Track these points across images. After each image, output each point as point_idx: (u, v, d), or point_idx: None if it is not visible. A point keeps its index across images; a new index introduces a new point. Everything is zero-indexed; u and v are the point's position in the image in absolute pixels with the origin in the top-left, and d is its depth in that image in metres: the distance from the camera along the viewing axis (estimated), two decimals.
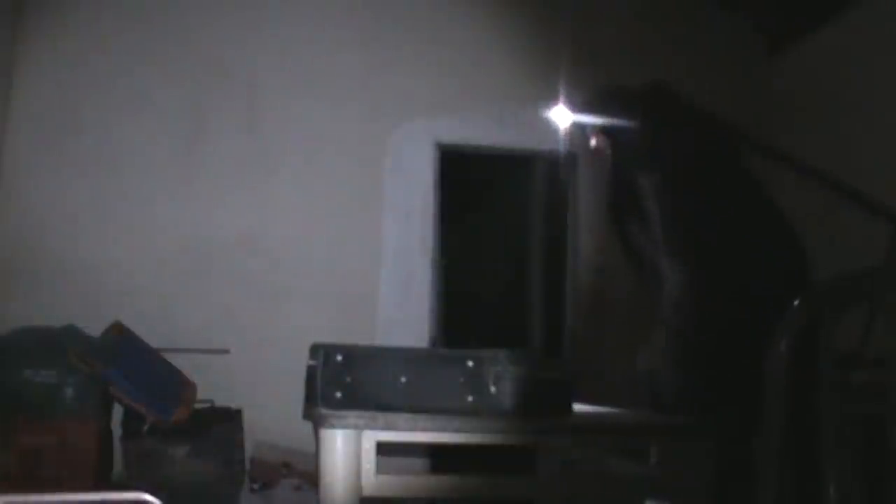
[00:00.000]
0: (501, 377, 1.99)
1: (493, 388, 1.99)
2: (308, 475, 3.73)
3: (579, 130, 3.13)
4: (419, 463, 4.32)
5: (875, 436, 1.45)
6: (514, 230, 5.56)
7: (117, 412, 3.89)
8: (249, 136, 4.60)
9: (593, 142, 2.99)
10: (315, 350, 2.10)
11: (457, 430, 1.98)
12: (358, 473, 1.88)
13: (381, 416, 1.93)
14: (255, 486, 3.93)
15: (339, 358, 2.00)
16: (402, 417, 1.95)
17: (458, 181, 4.93)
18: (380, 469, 1.91)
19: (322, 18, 4.74)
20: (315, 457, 2.03)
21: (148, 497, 1.98)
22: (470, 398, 2.00)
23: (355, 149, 4.69)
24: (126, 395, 3.74)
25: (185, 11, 4.60)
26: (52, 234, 4.32)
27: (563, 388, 2.24)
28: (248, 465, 4.02)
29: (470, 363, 2.02)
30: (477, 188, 5.32)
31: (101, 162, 4.44)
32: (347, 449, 1.88)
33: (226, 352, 4.30)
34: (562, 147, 4.66)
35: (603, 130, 2.90)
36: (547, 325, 5.20)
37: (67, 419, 3.61)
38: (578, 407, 2.33)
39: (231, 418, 4.03)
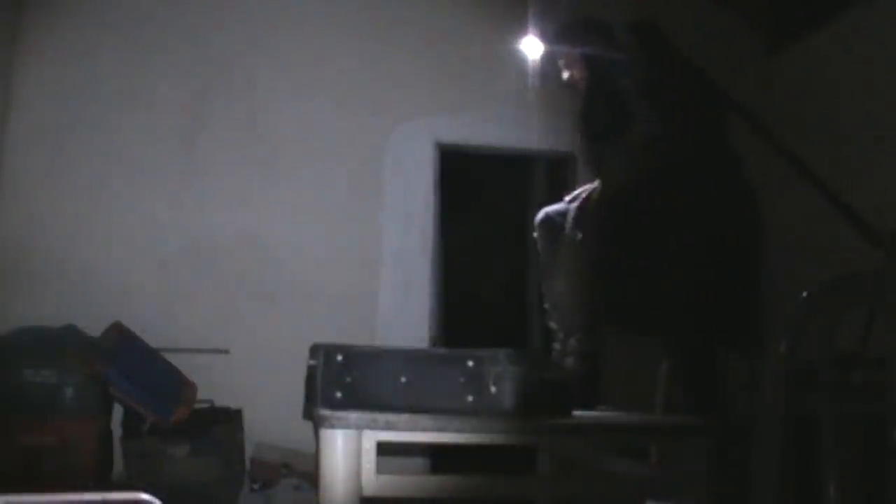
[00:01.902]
0: (501, 377, 1.99)
1: (493, 388, 1.99)
2: (308, 475, 3.73)
3: (550, 62, 3.09)
4: (419, 463, 4.32)
5: (875, 436, 1.45)
6: (514, 230, 5.56)
7: (117, 412, 3.89)
8: (250, 136, 4.60)
9: (566, 74, 2.96)
10: (315, 350, 2.10)
11: (457, 430, 1.98)
12: (358, 473, 1.88)
13: (381, 416, 1.93)
14: (255, 486, 3.93)
15: (339, 358, 2.00)
16: (402, 417, 1.95)
17: (458, 181, 4.93)
18: (380, 469, 1.91)
19: (322, 18, 4.74)
20: (315, 457, 2.03)
21: (147, 497, 1.98)
22: (470, 398, 2.00)
23: (355, 149, 4.69)
24: (126, 395, 3.74)
25: (186, 11, 4.60)
26: (52, 234, 4.32)
27: (563, 388, 2.24)
28: (248, 465, 4.02)
29: (470, 363, 2.02)
30: (477, 188, 5.32)
31: (102, 162, 4.44)
32: (347, 449, 1.88)
33: (226, 352, 4.30)
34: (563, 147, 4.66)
35: (581, 59, 2.87)
36: (547, 325, 5.20)
37: (67, 419, 3.61)
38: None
39: (231, 418, 4.03)
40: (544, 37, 3.12)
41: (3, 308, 4.07)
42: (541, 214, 3.04)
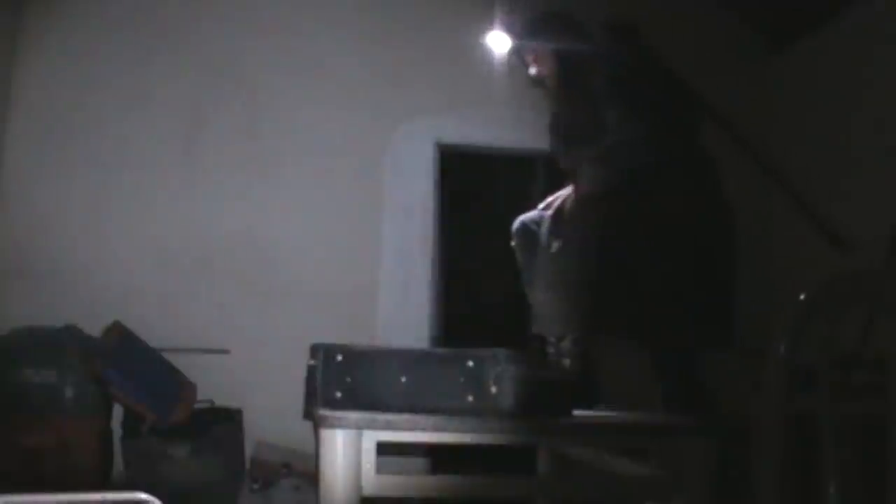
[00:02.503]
0: (501, 377, 1.99)
1: (493, 388, 1.99)
2: (308, 475, 3.73)
3: (517, 57, 3.01)
4: (419, 463, 4.32)
5: (875, 436, 1.45)
6: None
7: (117, 412, 3.89)
8: (249, 136, 4.60)
9: (534, 70, 2.89)
10: (315, 350, 2.10)
11: (457, 430, 1.98)
12: (358, 473, 1.88)
13: (381, 416, 1.93)
14: (255, 486, 3.93)
15: (339, 358, 2.00)
16: (402, 417, 1.95)
17: (458, 181, 4.93)
18: (380, 469, 1.91)
19: (322, 18, 4.74)
20: (315, 457, 2.03)
21: (147, 497, 1.98)
22: (470, 398, 2.00)
23: (355, 149, 4.69)
24: (126, 395, 3.74)
25: (185, 11, 4.60)
26: (52, 234, 4.32)
27: (563, 388, 2.24)
28: (248, 465, 4.02)
29: (470, 363, 2.02)
30: (477, 188, 5.31)
31: (101, 162, 4.44)
32: (347, 449, 1.88)
33: (226, 352, 4.30)
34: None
35: (550, 55, 2.80)
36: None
37: (67, 419, 3.61)
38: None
39: (231, 418, 4.03)
40: (512, 31, 3.05)
41: (3, 308, 4.07)
42: (517, 223, 3.00)
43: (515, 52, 3.02)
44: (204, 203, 4.51)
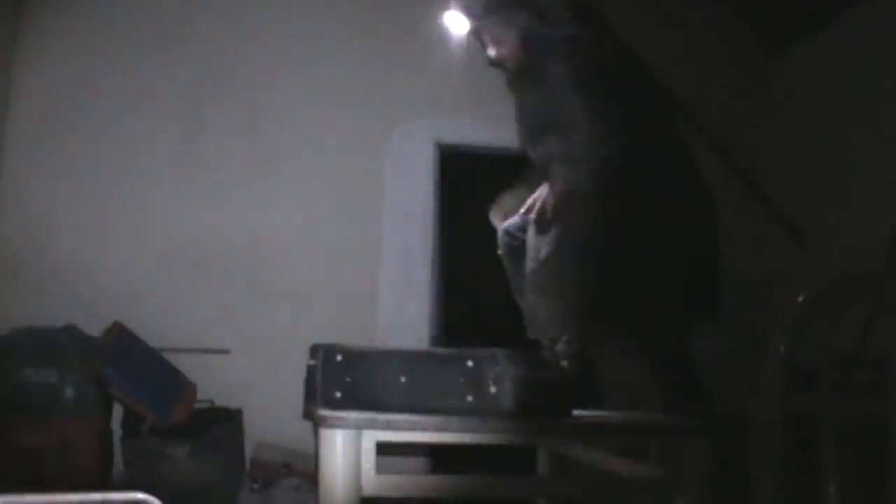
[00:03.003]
0: (501, 377, 1.99)
1: (492, 388, 1.99)
2: (308, 475, 3.73)
3: (475, 38, 2.80)
4: (419, 463, 4.32)
5: (875, 436, 1.45)
6: None
7: (117, 412, 3.89)
8: (249, 136, 4.60)
9: (492, 52, 2.70)
10: (315, 350, 2.10)
11: (457, 430, 1.98)
12: (358, 473, 1.88)
13: (381, 416, 1.93)
14: (255, 486, 3.93)
15: (339, 358, 2.00)
16: (401, 417, 1.95)
17: (458, 181, 4.92)
18: (380, 469, 1.91)
19: (322, 18, 4.74)
20: (315, 457, 2.03)
21: (147, 497, 1.98)
22: (470, 398, 2.00)
23: (355, 149, 4.69)
24: (126, 395, 3.74)
25: (185, 11, 4.60)
26: (52, 234, 4.32)
27: (563, 388, 2.24)
28: (248, 465, 4.02)
29: (470, 363, 2.02)
30: (477, 188, 5.31)
31: (101, 162, 4.44)
32: (347, 449, 1.88)
33: (226, 352, 4.30)
34: None
35: (510, 37, 2.63)
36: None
37: (67, 419, 3.61)
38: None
39: (231, 418, 4.03)
40: (468, 10, 2.89)
41: (3, 308, 4.07)
42: (501, 232, 2.97)
43: (474, 32, 2.80)
44: (204, 203, 4.51)
